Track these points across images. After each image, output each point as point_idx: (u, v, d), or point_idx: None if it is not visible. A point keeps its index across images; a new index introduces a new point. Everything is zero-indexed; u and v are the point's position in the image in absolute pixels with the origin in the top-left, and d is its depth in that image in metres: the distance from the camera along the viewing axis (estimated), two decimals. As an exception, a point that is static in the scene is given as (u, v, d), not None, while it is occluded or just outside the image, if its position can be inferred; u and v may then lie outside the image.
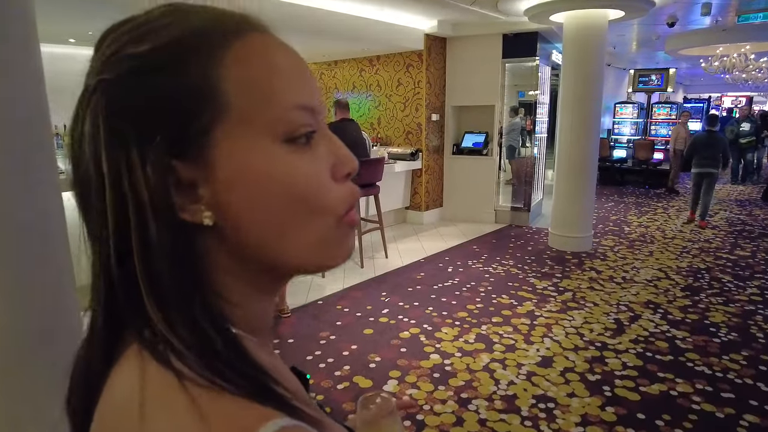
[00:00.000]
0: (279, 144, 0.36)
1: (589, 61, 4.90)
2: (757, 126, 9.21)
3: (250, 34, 0.37)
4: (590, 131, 5.00)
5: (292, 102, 0.36)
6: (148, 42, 0.34)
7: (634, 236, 5.82)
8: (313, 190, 0.37)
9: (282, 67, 0.37)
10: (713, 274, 4.51)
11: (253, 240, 0.36)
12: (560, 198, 5.23)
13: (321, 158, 0.38)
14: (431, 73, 6.20)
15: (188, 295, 0.34)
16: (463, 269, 4.62)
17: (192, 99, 0.34)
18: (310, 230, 0.37)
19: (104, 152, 0.33)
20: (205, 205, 0.35)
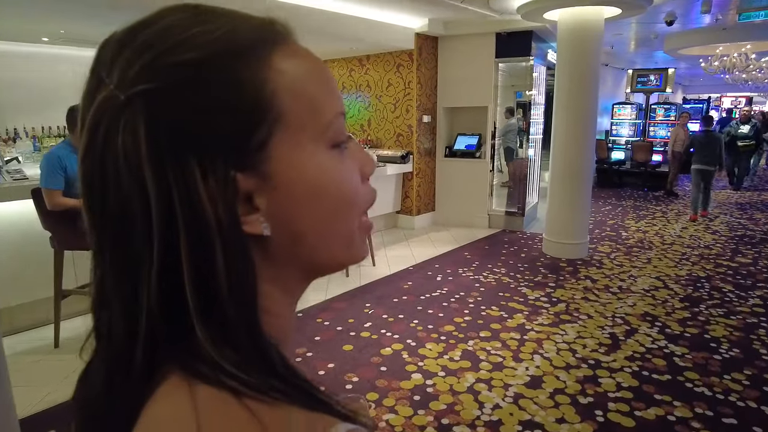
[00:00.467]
0: (327, 150, 0.37)
1: (585, 60, 4.71)
2: (757, 128, 8.70)
3: (288, 40, 0.37)
4: (585, 133, 4.81)
5: (335, 109, 0.38)
6: (191, 50, 0.33)
7: (631, 242, 5.63)
8: (353, 192, 0.39)
9: (321, 75, 0.38)
10: (714, 283, 4.31)
11: (305, 244, 0.37)
12: (555, 203, 5.04)
13: (354, 161, 0.40)
14: (422, 74, 6.01)
15: (249, 313, 0.34)
16: (452, 278, 4.43)
17: (250, 108, 0.33)
18: (345, 230, 0.39)
19: (149, 169, 0.31)
20: (263, 216, 0.35)
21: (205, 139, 0.32)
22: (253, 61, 0.34)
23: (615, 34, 7.01)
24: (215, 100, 0.32)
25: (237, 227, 0.33)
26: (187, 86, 0.32)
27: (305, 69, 0.37)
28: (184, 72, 0.32)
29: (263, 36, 0.36)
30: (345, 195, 0.38)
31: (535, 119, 6.48)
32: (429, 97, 6.19)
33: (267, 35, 0.36)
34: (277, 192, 0.35)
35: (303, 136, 0.36)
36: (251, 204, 0.34)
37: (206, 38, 0.33)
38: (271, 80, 0.34)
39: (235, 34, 0.34)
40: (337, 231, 0.38)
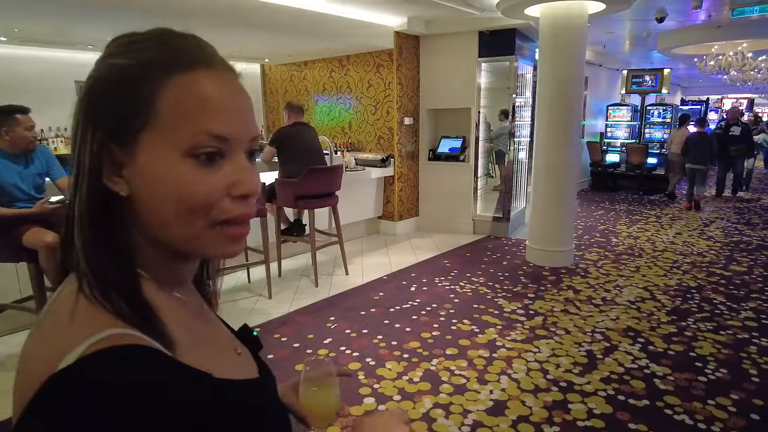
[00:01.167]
0: (184, 158, 0.47)
1: (568, 59, 4.47)
2: (748, 130, 8.16)
3: (199, 69, 0.49)
4: (569, 135, 4.56)
5: (203, 128, 0.47)
6: (126, 57, 0.48)
7: (621, 249, 5.37)
8: (197, 197, 0.47)
9: (207, 100, 0.48)
10: (704, 293, 4.05)
11: (147, 218, 0.49)
12: (538, 209, 4.79)
13: (221, 176, 0.48)
14: (403, 74, 5.79)
15: (99, 237, 0.48)
16: (427, 288, 4.19)
17: (134, 107, 0.47)
18: (182, 226, 0.48)
19: (78, 127, 0.49)
20: (125, 182, 0.48)
21: (102, 115, 0.48)
22: (156, 75, 0.47)
23: (607, 33, 6.77)
24: (117, 92, 0.47)
25: (99, 177, 0.48)
26: (108, 78, 0.48)
27: (197, 94, 0.48)
28: (113, 69, 0.48)
29: (177, 60, 0.48)
30: (182, 196, 0.47)
31: (523, 121, 6.24)
32: (411, 98, 5.96)
33: (181, 61, 0.48)
34: (136, 170, 0.47)
35: (166, 140, 0.47)
36: (120, 171, 0.48)
37: (136, 52, 0.49)
38: (161, 93, 0.47)
39: (156, 54, 0.48)
40: (178, 223, 0.48)
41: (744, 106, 17.40)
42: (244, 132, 0.50)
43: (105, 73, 0.48)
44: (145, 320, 0.45)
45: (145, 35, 0.50)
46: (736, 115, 8.19)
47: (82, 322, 0.43)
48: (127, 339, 0.42)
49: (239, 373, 0.55)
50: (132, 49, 0.48)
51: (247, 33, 4.86)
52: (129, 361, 0.41)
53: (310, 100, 6.83)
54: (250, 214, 0.51)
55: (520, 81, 5.95)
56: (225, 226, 0.49)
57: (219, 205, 0.48)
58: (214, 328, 0.60)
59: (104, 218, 0.48)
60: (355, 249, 5.43)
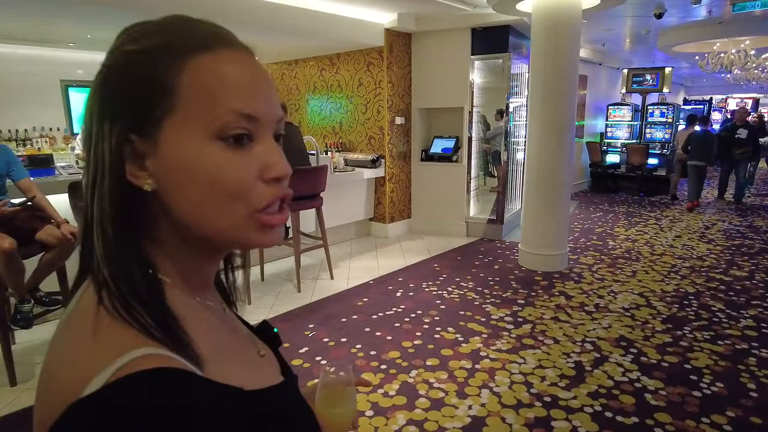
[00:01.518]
0: (212, 141, 0.44)
1: (561, 57, 4.30)
2: (754, 132, 7.65)
3: (219, 49, 0.46)
4: (563, 136, 4.40)
5: (230, 107, 0.44)
6: (140, 43, 0.45)
7: (618, 252, 5.20)
8: (231, 182, 0.44)
9: (230, 78, 0.45)
10: (703, 300, 3.88)
11: (181, 210, 0.46)
12: (530, 211, 4.63)
13: (252, 159, 0.46)
14: (393, 72, 5.63)
15: (124, 240, 0.44)
16: (413, 293, 4.03)
17: (154, 93, 0.44)
18: (223, 215, 0.45)
19: (93, 122, 0.46)
20: (149, 175, 0.45)
21: (120, 105, 0.44)
22: (173, 58, 0.44)
23: (605, 30, 6.60)
24: (133, 80, 0.44)
25: (121, 173, 0.44)
26: (122, 67, 0.45)
27: (219, 73, 0.45)
28: (125, 56, 0.45)
29: (193, 42, 0.45)
30: (218, 182, 0.44)
31: (521, 121, 6.08)
32: (402, 97, 5.80)
33: (198, 42, 0.46)
34: (162, 160, 0.44)
35: (191, 124, 0.44)
36: (143, 164, 0.45)
37: (150, 37, 0.46)
38: (181, 75, 0.44)
39: (171, 37, 0.46)
40: (215, 212, 0.45)
41: (749, 106, 17.16)
42: (271, 112, 0.48)
43: (119, 61, 0.45)
44: (172, 336, 0.42)
45: (158, 21, 0.47)
46: (744, 117, 7.68)
47: (106, 342, 0.41)
48: (156, 361, 0.39)
49: (266, 378, 0.54)
50: (146, 35, 0.46)
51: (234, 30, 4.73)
52: (159, 388, 0.38)
53: (301, 99, 6.69)
54: (287, 195, 0.49)
55: (518, 80, 5.79)
56: (263, 214, 0.47)
57: (255, 190, 0.46)
58: (237, 332, 0.57)
59: (128, 218, 0.45)
60: (344, 252, 5.28)
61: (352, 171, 5.48)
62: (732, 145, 7.52)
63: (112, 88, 0.45)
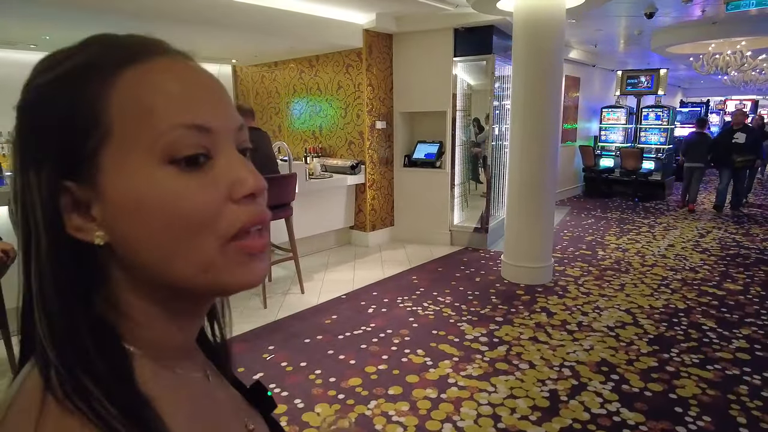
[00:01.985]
0: (162, 166, 0.36)
1: (544, 58, 4.07)
2: (756, 137, 7.03)
3: (151, 58, 0.38)
4: (546, 141, 4.17)
5: (174, 122, 0.36)
6: (54, 71, 0.37)
7: (607, 263, 4.96)
8: (191, 211, 0.36)
9: (170, 88, 0.37)
10: (693, 317, 3.64)
11: (141, 260, 0.37)
12: (512, 221, 4.39)
13: (216, 179, 0.38)
14: (374, 75, 5.41)
15: (72, 311, 0.36)
16: (386, 310, 3.80)
17: (79, 124, 0.36)
18: (191, 254, 0.37)
19: (18, 174, 0.37)
20: (97, 226, 0.36)
21: (41, 148, 0.36)
22: (97, 77, 0.36)
23: (596, 30, 6.37)
24: (51, 115, 0.36)
25: (59, 230, 0.36)
26: (36, 103, 0.37)
27: (155, 84, 0.37)
28: (38, 90, 0.37)
29: (117, 57, 0.37)
30: (175, 213, 0.36)
31: (502, 125, 5.85)
32: (383, 100, 5.58)
33: (123, 56, 0.37)
34: (109, 204, 0.36)
35: (133, 151, 0.35)
36: (88, 213, 0.37)
37: (65, 62, 0.37)
38: (110, 96, 0.36)
39: (88, 57, 0.37)
40: (183, 252, 0.37)
41: (748, 108, 16.91)
42: (225, 120, 0.39)
43: (33, 96, 0.37)
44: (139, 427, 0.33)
45: (75, 44, 0.39)
46: (741, 120, 7.14)
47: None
48: None
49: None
50: (61, 60, 0.37)
51: (208, 32, 4.51)
52: None
53: (281, 102, 6.47)
54: (265, 215, 0.40)
55: (505, 82, 5.56)
56: (238, 241, 0.38)
57: (224, 215, 0.37)
58: (222, 406, 0.48)
59: (77, 283, 0.36)
60: (320, 263, 5.05)
61: (330, 177, 5.25)
62: (731, 150, 7.02)
63: (30, 130, 0.37)
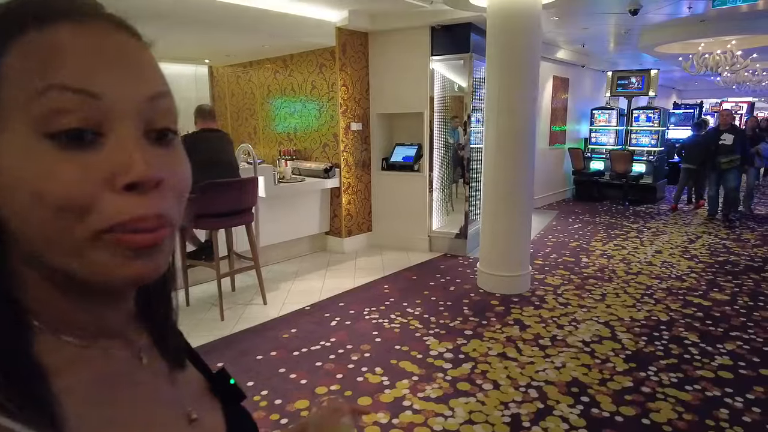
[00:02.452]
0: (39, 139, 0.31)
1: (519, 55, 3.86)
2: (743, 139, 6.55)
3: (64, 21, 0.32)
4: (522, 145, 3.95)
5: (52, 80, 0.31)
6: None
7: (589, 271, 4.74)
8: (59, 195, 0.31)
9: (64, 48, 0.32)
10: (675, 331, 3.42)
11: (25, 237, 0.33)
12: (487, 228, 4.18)
13: (96, 161, 0.32)
14: (348, 75, 5.20)
15: None
16: (351, 322, 3.58)
17: None
18: (64, 240, 0.33)
19: None
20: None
21: None
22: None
23: (582, 29, 6.17)
24: None
25: None
26: None
27: (51, 45, 0.32)
28: None
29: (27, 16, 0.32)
30: (43, 194, 0.31)
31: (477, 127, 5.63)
32: (359, 101, 5.37)
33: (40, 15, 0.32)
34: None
35: (13, 119, 0.31)
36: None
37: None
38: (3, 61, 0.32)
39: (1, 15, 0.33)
40: (51, 235, 0.32)
41: (744, 110, 16.73)
42: (128, 88, 0.33)
43: None
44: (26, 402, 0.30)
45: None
46: (727, 120, 6.82)
47: None
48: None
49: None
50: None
51: (176, 30, 4.35)
52: None
53: (256, 103, 6.26)
54: (146, 215, 0.33)
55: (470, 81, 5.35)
56: (115, 233, 0.33)
57: (99, 206, 0.32)
58: (147, 388, 0.41)
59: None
60: (290, 271, 4.83)
61: (302, 182, 5.03)
62: (715, 152, 6.61)
63: None
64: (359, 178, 5.52)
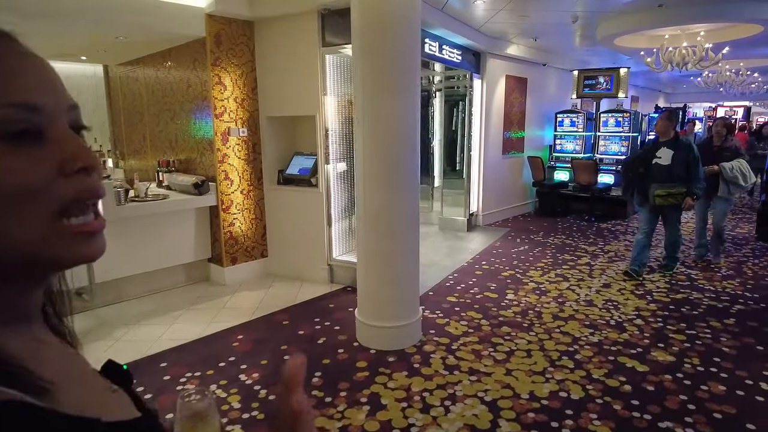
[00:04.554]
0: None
1: (390, 48, 2.94)
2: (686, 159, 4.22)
3: None
4: (397, 164, 3.02)
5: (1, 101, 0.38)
6: None
7: (509, 313, 3.79)
8: (16, 185, 0.38)
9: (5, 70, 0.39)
10: (584, 420, 2.47)
11: None
12: (361, 266, 3.24)
13: (46, 155, 0.39)
14: (226, 71, 4.29)
15: None
16: (153, 394, 2.65)
17: None
18: (25, 226, 0.38)
19: None
20: None
21: None
22: None
23: (521, 17, 5.24)
24: None
25: None
26: None
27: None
28: None
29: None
30: (6, 189, 0.37)
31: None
32: (242, 102, 4.45)
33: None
34: None
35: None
36: None
37: None
38: None
39: None
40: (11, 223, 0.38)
41: (740, 115, 15.73)
42: (56, 99, 0.42)
43: None
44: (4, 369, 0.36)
45: None
46: (666, 127, 4.28)
47: None
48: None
49: (123, 413, 0.47)
50: None
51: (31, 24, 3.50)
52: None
53: (143, 106, 5.36)
54: (96, 188, 0.42)
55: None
56: (72, 219, 0.41)
57: (53, 189, 0.39)
58: (83, 366, 0.49)
59: None
60: (138, 311, 3.90)
61: (163, 200, 4.12)
62: (644, 176, 4.36)
63: None
64: (247, 194, 4.61)
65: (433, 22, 4.83)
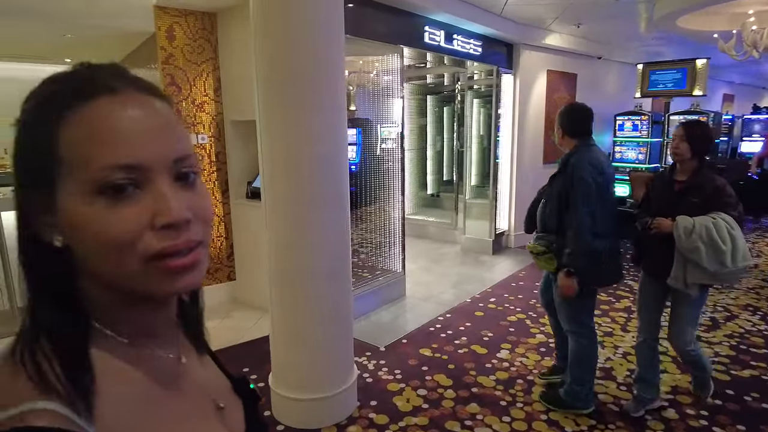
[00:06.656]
0: (93, 197, 0.42)
1: (300, 37, 2.20)
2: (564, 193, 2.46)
3: (97, 98, 0.43)
4: (312, 183, 2.28)
5: (103, 164, 0.42)
6: (28, 102, 0.45)
7: (492, 381, 2.88)
8: (114, 238, 0.42)
9: (104, 131, 0.42)
10: None
11: (89, 265, 0.44)
12: (276, 321, 2.52)
13: (138, 209, 0.43)
14: (181, 69, 3.78)
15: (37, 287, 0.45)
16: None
17: (40, 156, 0.43)
18: (120, 267, 0.43)
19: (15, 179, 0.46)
20: (58, 232, 0.44)
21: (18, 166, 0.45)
22: (54, 115, 0.42)
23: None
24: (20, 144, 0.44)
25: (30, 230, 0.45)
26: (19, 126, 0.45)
27: (92, 127, 0.42)
28: (21, 115, 0.45)
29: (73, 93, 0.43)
30: (100, 237, 0.42)
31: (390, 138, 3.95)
32: (201, 105, 3.92)
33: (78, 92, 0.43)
34: (62, 218, 0.43)
35: (74, 183, 0.42)
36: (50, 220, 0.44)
37: (39, 94, 0.45)
38: (60, 134, 0.42)
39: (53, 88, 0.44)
40: (110, 263, 0.43)
41: None
42: (159, 154, 0.44)
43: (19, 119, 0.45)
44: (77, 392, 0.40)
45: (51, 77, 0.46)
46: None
47: None
48: (42, 418, 0.38)
49: None
50: (40, 88, 0.45)
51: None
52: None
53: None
54: (177, 245, 0.45)
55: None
56: (159, 260, 0.44)
57: (142, 241, 0.43)
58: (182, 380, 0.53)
59: (40, 267, 0.45)
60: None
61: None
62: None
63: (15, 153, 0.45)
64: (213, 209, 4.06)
65: (430, 6, 3.99)
